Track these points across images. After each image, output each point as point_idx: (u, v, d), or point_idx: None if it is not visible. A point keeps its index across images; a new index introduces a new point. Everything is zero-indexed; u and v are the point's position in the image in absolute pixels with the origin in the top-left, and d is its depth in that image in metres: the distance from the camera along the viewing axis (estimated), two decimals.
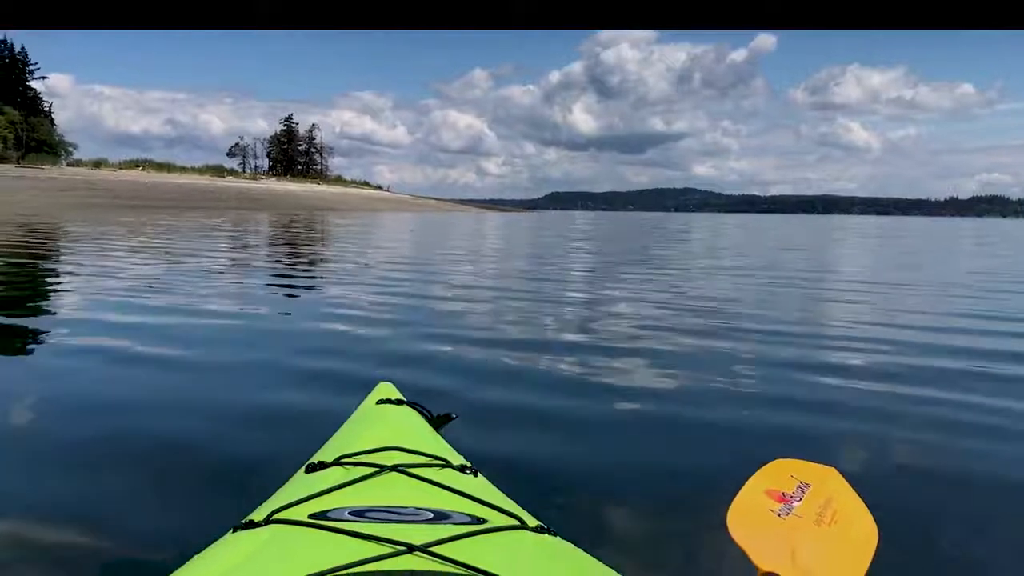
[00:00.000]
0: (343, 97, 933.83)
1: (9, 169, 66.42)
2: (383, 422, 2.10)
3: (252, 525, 1.33)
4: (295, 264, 12.18)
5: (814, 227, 55.23)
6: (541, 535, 1.42)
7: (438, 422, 2.68)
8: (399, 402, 2.37)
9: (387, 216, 55.09)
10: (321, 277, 10.43)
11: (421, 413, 2.41)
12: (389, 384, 2.60)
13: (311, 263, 12.61)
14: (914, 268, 14.71)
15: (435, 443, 1.96)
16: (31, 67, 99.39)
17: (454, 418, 3.04)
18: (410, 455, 1.69)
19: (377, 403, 2.34)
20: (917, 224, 76.95)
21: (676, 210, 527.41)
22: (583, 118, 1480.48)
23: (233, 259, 12.76)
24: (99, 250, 13.14)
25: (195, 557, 1.27)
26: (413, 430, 2.06)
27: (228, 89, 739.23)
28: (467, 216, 68.82)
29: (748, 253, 18.99)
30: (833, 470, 1.76)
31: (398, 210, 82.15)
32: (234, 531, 1.35)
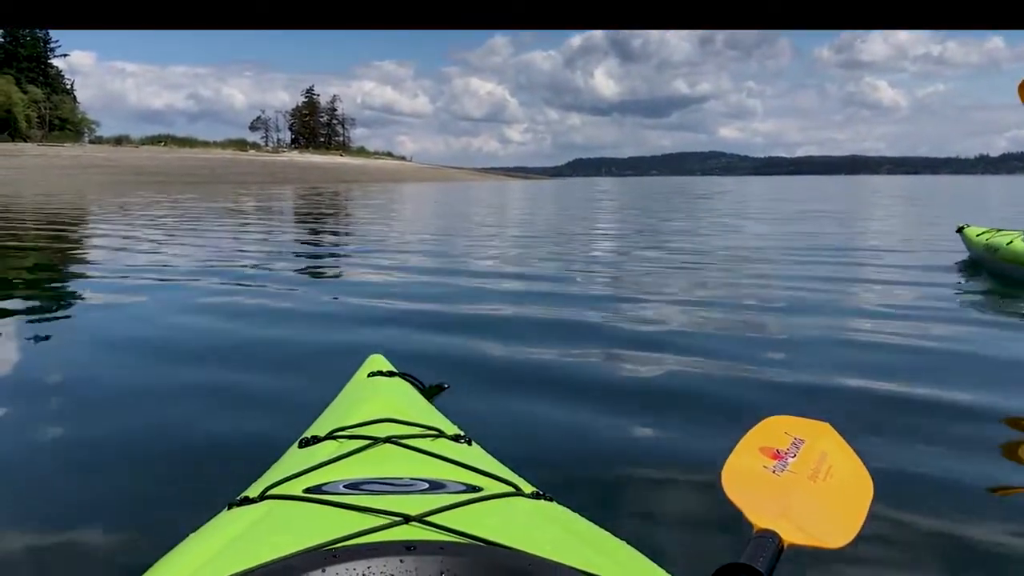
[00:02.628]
0: (364, 67, 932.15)
1: (30, 147, 66.80)
2: (375, 394, 2.09)
3: (248, 501, 1.34)
4: (336, 244, 12.66)
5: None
6: (537, 501, 1.42)
7: (430, 392, 2.71)
8: (391, 374, 2.37)
9: (416, 187, 55.91)
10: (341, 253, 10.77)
11: (413, 384, 2.40)
12: (380, 356, 2.58)
13: (338, 240, 13.20)
14: None
15: (428, 413, 1.97)
16: (52, 45, 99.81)
17: (446, 388, 3.08)
18: (403, 426, 1.69)
19: (369, 375, 2.34)
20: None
21: (702, 174, 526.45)
22: (605, 82, 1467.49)
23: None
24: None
25: (191, 535, 1.28)
26: (406, 401, 2.06)
27: (249, 62, 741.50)
28: (487, 186, 69.27)
29: None
30: (827, 425, 1.71)
31: (423, 180, 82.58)
32: (230, 508, 1.35)
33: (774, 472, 1.47)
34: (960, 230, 8.68)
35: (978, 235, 8.17)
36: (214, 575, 1.03)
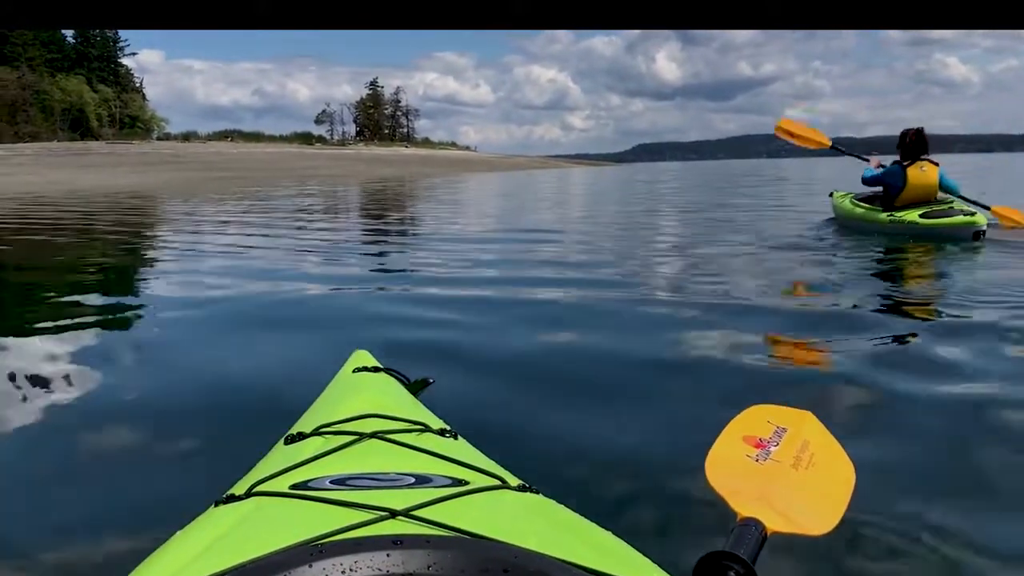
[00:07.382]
0: (425, 58, 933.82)
1: (97, 145, 68.41)
2: (360, 390, 2.11)
3: (234, 499, 1.35)
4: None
5: None
6: (523, 493, 1.43)
7: (415, 387, 2.73)
8: (376, 369, 2.38)
9: (491, 176, 56.13)
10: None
11: (398, 379, 2.42)
12: (365, 352, 2.61)
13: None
14: None
15: (413, 408, 1.99)
16: (122, 44, 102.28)
17: (431, 383, 3.08)
18: (389, 421, 1.70)
19: (353, 371, 2.36)
20: None
21: (768, 156, 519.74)
22: (667, 66, 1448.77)
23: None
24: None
25: (178, 533, 1.29)
26: (391, 397, 2.08)
27: (312, 56, 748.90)
28: (553, 173, 69.35)
29: None
30: (809, 413, 1.71)
31: (492, 169, 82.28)
32: (216, 506, 1.36)
33: (757, 460, 1.48)
34: (831, 195, 10.55)
35: (839, 198, 10.10)
36: (201, 573, 1.03)
